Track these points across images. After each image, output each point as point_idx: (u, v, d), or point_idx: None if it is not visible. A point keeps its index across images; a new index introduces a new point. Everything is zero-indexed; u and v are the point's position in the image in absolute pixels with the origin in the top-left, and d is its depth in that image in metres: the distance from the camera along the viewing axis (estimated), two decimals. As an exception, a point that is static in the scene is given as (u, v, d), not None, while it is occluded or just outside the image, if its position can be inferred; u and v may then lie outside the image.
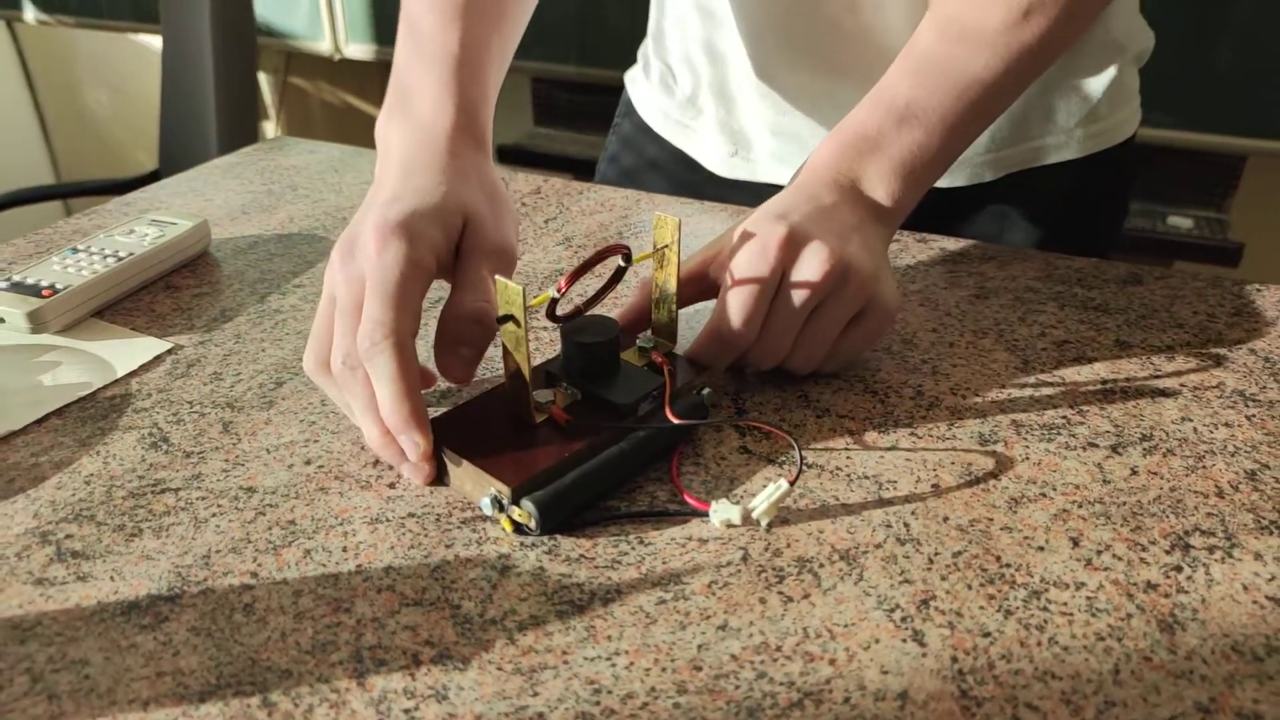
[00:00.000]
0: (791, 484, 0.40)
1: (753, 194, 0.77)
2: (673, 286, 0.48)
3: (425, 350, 0.49)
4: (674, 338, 0.50)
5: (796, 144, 0.73)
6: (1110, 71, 0.69)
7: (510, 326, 0.41)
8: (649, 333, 0.50)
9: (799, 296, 0.46)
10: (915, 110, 0.51)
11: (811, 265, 0.46)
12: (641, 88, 0.84)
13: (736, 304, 0.46)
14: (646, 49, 0.84)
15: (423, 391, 0.46)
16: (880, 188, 0.51)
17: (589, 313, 0.47)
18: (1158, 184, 1.69)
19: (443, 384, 0.50)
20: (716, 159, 0.78)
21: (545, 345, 0.55)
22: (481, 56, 0.53)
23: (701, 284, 0.51)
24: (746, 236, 0.47)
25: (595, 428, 0.43)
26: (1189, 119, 1.49)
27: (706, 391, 0.47)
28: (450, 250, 0.46)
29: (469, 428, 0.44)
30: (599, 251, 0.44)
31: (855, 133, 0.52)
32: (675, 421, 0.43)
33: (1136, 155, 0.76)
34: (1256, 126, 1.49)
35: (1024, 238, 0.73)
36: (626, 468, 0.43)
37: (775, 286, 0.46)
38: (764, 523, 0.40)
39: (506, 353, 0.42)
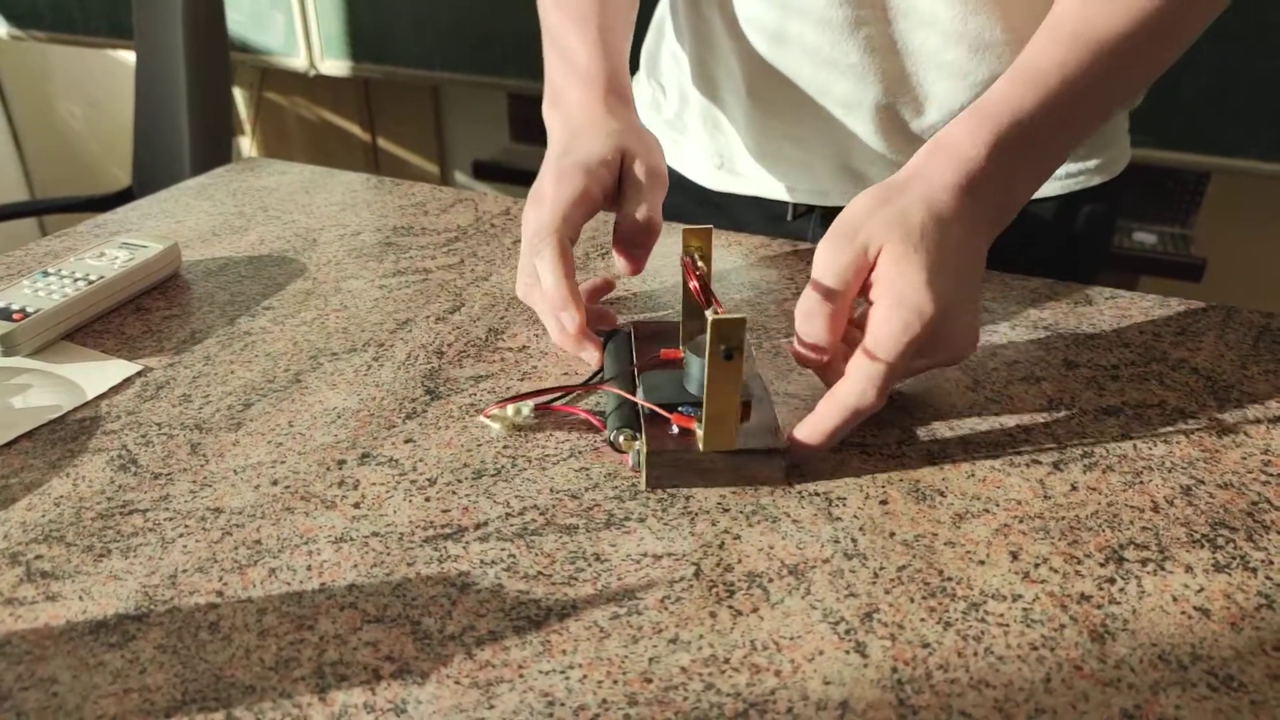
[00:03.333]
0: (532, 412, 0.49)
1: (737, 211, 0.79)
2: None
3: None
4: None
5: (781, 160, 0.76)
6: None
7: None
8: None
9: (921, 358, 0.49)
10: (1039, 112, 0.50)
11: (947, 340, 0.48)
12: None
13: (877, 380, 0.45)
14: (639, 75, 0.87)
15: (606, 296, 0.63)
16: (1004, 188, 0.50)
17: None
18: (1124, 201, 1.73)
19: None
20: (704, 172, 0.81)
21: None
22: (615, 36, 0.64)
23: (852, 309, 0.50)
24: (898, 300, 0.45)
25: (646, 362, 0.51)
26: (1155, 138, 1.52)
27: (638, 453, 0.46)
28: (615, 183, 0.57)
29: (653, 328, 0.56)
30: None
31: (983, 132, 0.49)
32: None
33: (1121, 192, 0.78)
34: (1220, 146, 1.53)
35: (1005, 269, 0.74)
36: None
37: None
38: (493, 429, 0.49)
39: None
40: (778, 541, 0.42)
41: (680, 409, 0.46)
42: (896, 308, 0.45)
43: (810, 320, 0.47)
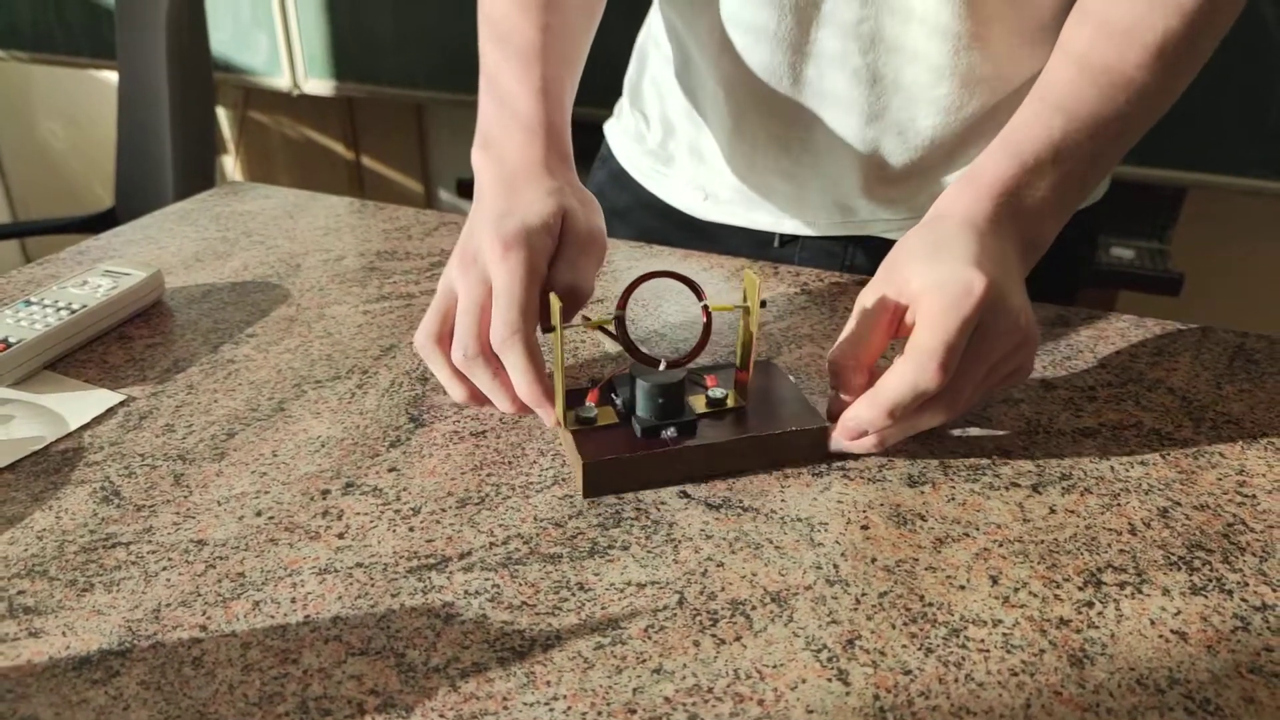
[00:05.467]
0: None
1: (722, 237, 0.80)
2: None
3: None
4: (744, 394, 0.51)
5: (767, 191, 0.76)
6: None
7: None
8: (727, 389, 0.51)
9: (991, 351, 0.47)
10: (1067, 147, 0.54)
11: (1007, 323, 0.47)
12: (617, 135, 0.87)
13: (941, 351, 0.45)
14: (623, 103, 0.87)
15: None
16: (1037, 223, 0.53)
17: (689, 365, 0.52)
18: (1102, 216, 1.75)
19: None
20: (690, 203, 0.81)
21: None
22: (560, 85, 0.60)
23: (896, 328, 0.51)
24: (942, 283, 0.47)
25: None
26: (1132, 153, 1.54)
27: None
28: (555, 248, 0.53)
29: None
30: (650, 274, 0.50)
31: (1016, 167, 0.53)
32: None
33: (1100, 214, 0.79)
34: (1196, 160, 1.55)
35: None
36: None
37: (971, 334, 0.47)
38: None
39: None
40: (760, 568, 0.43)
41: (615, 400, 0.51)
42: (942, 289, 0.47)
43: (844, 340, 0.50)
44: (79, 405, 0.54)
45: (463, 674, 0.37)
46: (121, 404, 0.54)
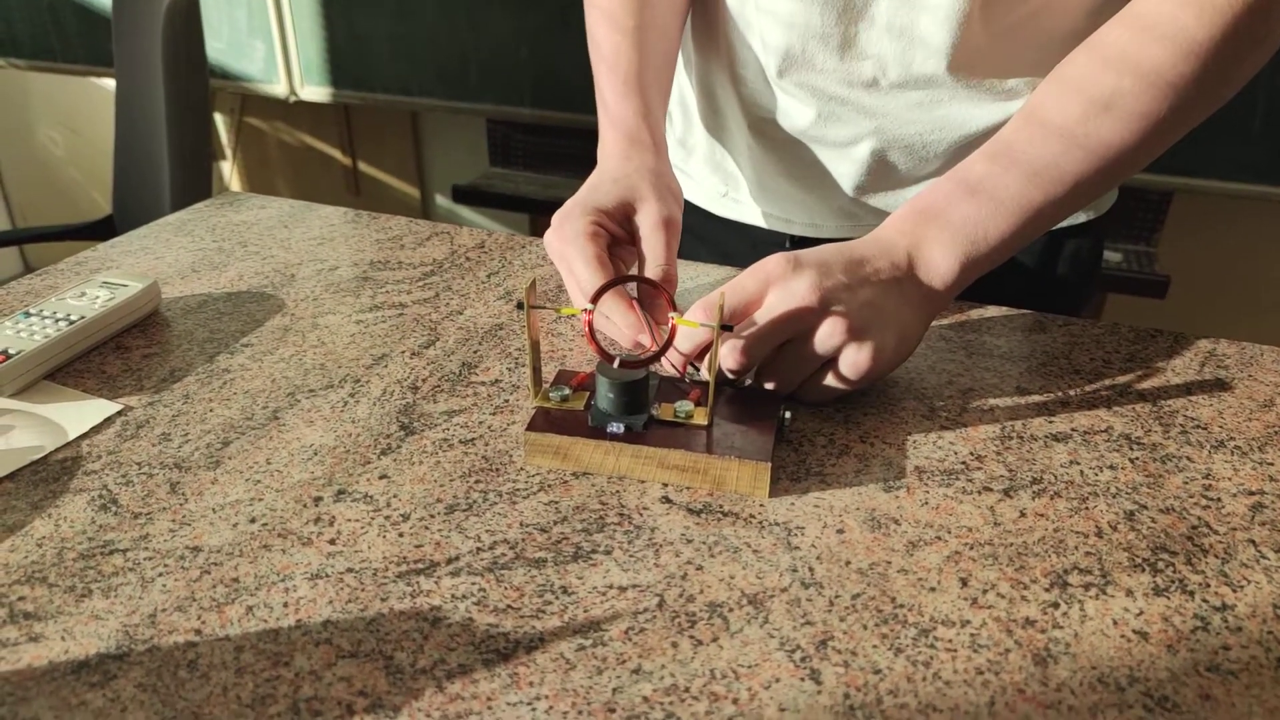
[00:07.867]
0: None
1: (729, 245, 0.82)
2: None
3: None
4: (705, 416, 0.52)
5: (779, 194, 0.79)
6: None
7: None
8: (690, 400, 0.53)
9: (774, 315, 0.52)
10: (985, 186, 0.55)
11: (787, 296, 0.52)
12: None
13: (718, 294, 0.52)
14: None
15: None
16: (936, 252, 0.55)
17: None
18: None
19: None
20: (709, 197, 0.84)
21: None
22: (646, 79, 0.70)
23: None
24: (785, 281, 0.52)
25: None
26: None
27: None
28: (624, 217, 0.62)
29: None
30: (626, 276, 0.55)
31: (924, 203, 0.56)
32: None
33: (1108, 229, 0.80)
34: (1182, 165, 1.56)
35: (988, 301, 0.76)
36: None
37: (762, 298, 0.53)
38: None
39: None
40: (738, 571, 0.44)
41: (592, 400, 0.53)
42: (787, 284, 0.53)
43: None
44: (77, 415, 0.55)
45: (449, 675, 0.38)
46: (119, 413, 0.56)
